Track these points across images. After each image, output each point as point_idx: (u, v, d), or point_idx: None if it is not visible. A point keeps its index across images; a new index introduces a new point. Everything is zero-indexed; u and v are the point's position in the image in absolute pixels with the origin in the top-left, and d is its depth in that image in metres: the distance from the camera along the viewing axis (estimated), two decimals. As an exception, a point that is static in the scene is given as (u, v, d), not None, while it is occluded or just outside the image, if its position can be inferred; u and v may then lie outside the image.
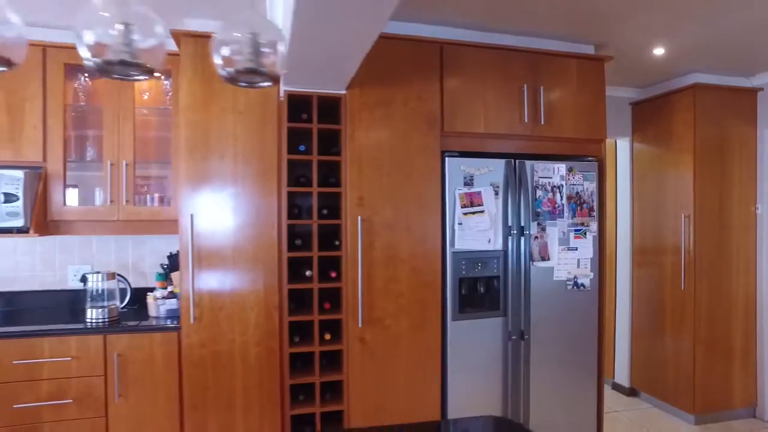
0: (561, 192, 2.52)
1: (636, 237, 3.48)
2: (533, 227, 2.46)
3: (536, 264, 2.47)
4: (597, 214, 2.58)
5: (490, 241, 2.39)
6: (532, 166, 2.47)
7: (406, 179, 2.31)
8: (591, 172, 2.56)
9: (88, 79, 2.56)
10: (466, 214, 2.36)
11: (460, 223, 2.35)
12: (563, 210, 2.52)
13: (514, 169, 2.44)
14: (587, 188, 2.56)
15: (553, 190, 2.51)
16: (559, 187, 2.51)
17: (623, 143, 3.63)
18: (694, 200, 2.98)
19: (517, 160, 2.45)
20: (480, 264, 2.39)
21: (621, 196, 3.65)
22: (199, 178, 2.24)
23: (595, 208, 2.58)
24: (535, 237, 2.47)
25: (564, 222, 2.52)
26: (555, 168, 2.51)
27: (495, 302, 2.43)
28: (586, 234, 2.56)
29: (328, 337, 2.26)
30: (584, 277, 2.56)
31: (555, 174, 2.51)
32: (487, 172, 2.40)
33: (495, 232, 2.40)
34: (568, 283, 2.53)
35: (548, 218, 2.50)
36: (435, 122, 2.35)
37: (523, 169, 2.45)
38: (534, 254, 2.47)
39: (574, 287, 2.54)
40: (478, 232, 2.37)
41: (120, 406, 2.23)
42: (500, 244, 2.42)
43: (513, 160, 2.44)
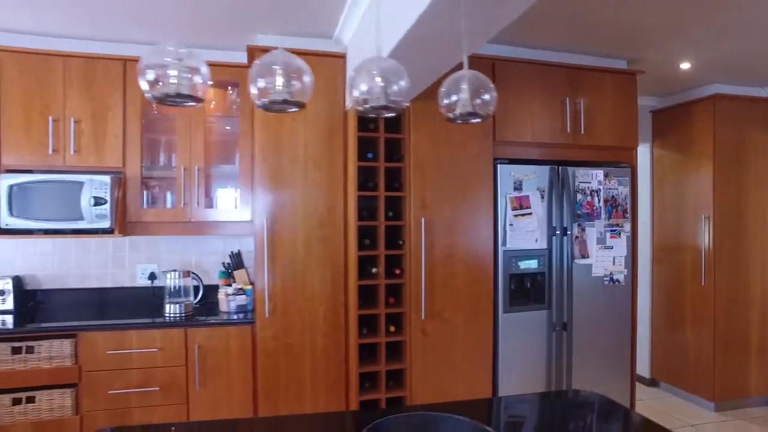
0: (598, 195, 2.74)
1: (656, 236, 3.72)
2: (574, 228, 2.68)
3: (577, 261, 2.69)
4: (630, 215, 2.80)
5: (537, 241, 2.61)
6: (573, 172, 2.69)
7: (463, 184, 2.52)
8: (625, 177, 2.79)
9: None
10: (517, 216, 2.57)
11: (511, 224, 2.57)
12: (600, 212, 2.75)
13: (558, 175, 2.66)
14: (621, 192, 2.79)
15: (592, 194, 2.73)
16: (597, 191, 2.74)
17: (643, 148, 3.87)
18: (713, 202, 3.22)
19: (560, 167, 2.67)
20: (528, 261, 2.61)
21: (641, 198, 3.88)
22: (273, 182, 2.43)
23: (628, 211, 2.80)
24: (576, 237, 2.69)
25: (601, 223, 2.75)
26: (593, 174, 2.73)
27: (540, 296, 2.64)
28: (621, 234, 2.78)
29: (392, 329, 2.46)
30: (619, 273, 2.78)
31: (593, 179, 2.73)
32: (534, 178, 2.61)
33: (541, 232, 2.62)
34: (605, 279, 2.75)
35: (587, 220, 2.72)
36: (488, 131, 2.56)
37: (565, 175, 2.67)
38: (575, 252, 2.69)
39: (610, 282, 2.76)
40: (526, 232, 2.59)
41: (200, 393, 2.41)
42: (545, 243, 2.64)
43: (556, 167, 2.66)
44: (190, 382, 2.40)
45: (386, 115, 1.42)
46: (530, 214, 2.60)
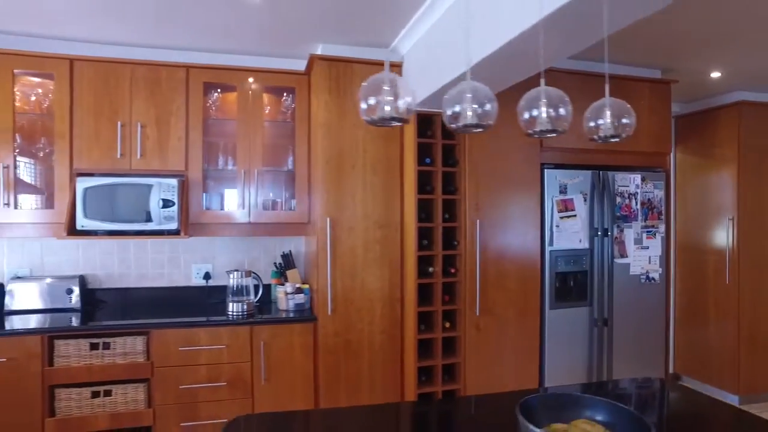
0: (636, 199, 2.89)
1: (679, 236, 3.89)
2: (614, 229, 2.83)
3: (616, 261, 2.84)
4: (664, 217, 2.96)
5: (581, 241, 2.76)
6: (613, 176, 2.84)
7: (513, 187, 2.66)
8: (660, 182, 2.95)
9: (220, 95, 2.84)
10: (562, 218, 2.71)
11: (557, 226, 2.71)
12: (637, 214, 2.90)
13: (599, 179, 2.80)
14: (656, 195, 2.94)
15: (629, 197, 2.88)
16: (635, 195, 2.89)
17: (665, 153, 4.04)
18: (737, 204, 3.39)
19: (601, 171, 2.81)
20: (572, 260, 2.75)
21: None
22: (335, 185, 2.55)
23: (663, 213, 2.96)
24: (615, 237, 2.84)
25: (638, 224, 2.90)
26: (631, 178, 2.88)
27: (583, 293, 2.79)
28: (656, 235, 2.94)
29: (447, 325, 2.59)
30: (654, 272, 2.94)
31: (631, 183, 2.88)
32: (578, 182, 2.76)
33: (584, 233, 2.77)
34: (641, 277, 2.91)
35: (625, 221, 2.87)
36: (535, 138, 2.69)
37: (605, 179, 2.82)
38: (614, 252, 2.84)
39: (646, 280, 2.92)
40: (571, 233, 2.73)
41: (264, 388, 2.52)
42: (587, 243, 2.78)
43: (598, 171, 2.80)
44: (256, 377, 2.51)
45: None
46: (574, 216, 2.75)
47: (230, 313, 2.61)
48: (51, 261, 2.79)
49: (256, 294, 2.76)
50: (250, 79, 2.73)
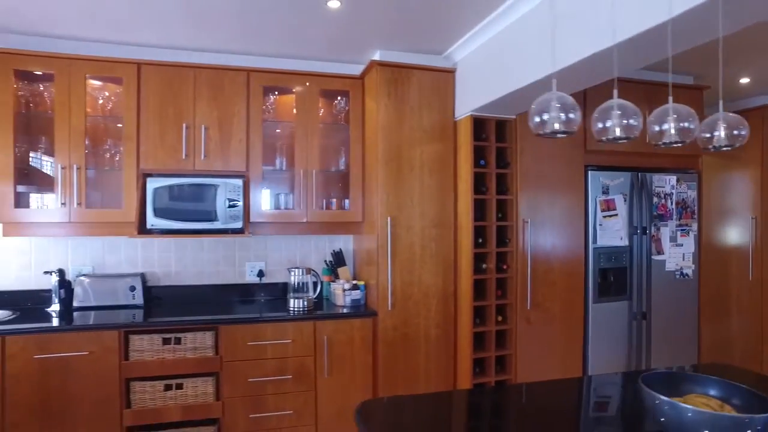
0: (671, 199, 3.05)
1: (702, 234, 4.06)
2: (651, 227, 2.98)
3: (653, 257, 2.99)
4: (697, 216, 3.12)
5: (622, 239, 2.90)
6: (651, 177, 2.99)
7: (560, 188, 2.80)
8: (693, 182, 3.11)
9: (276, 98, 2.93)
10: (605, 217, 2.86)
11: (600, 224, 2.85)
12: (672, 213, 3.05)
13: (638, 180, 2.95)
14: (690, 195, 3.10)
15: (665, 197, 3.03)
16: (670, 195, 3.04)
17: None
18: (761, 204, 3.57)
19: (639, 173, 2.96)
20: (612, 257, 2.90)
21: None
22: (394, 186, 2.66)
23: (695, 212, 3.12)
24: (652, 235, 2.99)
25: (673, 223, 3.05)
26: (667, 179, 3.04)
27: (623, 288, 2.94)
28: (689, 233, 3.10)
29: (500, 318, 2.72)
30: (687, 268, 3.10)
31: (667, 184, 3.04)
32: (619, 183, 2.90)
33: (624, 231, 2.91)
34: (676, 273, 3.06)
35: (661, 220, 3.02)
36: (580, 142, 2.84)
37: (644, 180, 2.97)
38: (652, 249, 2.99)
39: (681, 276, 3.07)
40: (614, 231, 2.88)
41: (327, 380, 2.63)
42: (627, 241, 2.93)
43: (636, 173, 2.95)
44: (319, 371, 2.61)
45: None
46: (616, 215, 2.89)
47: (292, 309, 2.71)
48: (111, 259, 2.86)
49: (315, 290, 2.86)
50: (307, 83, 2.83)
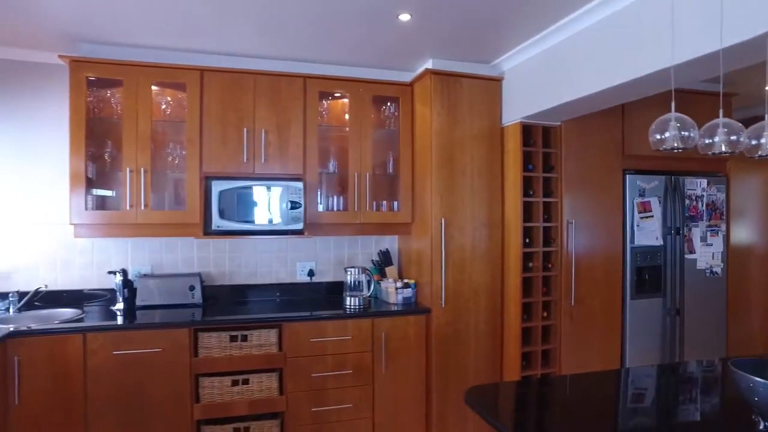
0: (702, 201, 3.21)
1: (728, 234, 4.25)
2: (684, 228, 3.14)
3: (686, 256, 3.15)
4: (725, 217, 3.29)
5: (657, 239, 3.06)
6: (683, 180, 3.15)
7: (600, 191, 2.94)
8: (722, 185, 3.27)
9: (329, 103, 3.04)
10: (642, 218, 3.01)
11: (638, 225, 3.00)
12: (703, 215, 3.22)
13: (671, 183, 3.11)
14: (719, 198, 3.27)
15: (696, 199, 3.20)
16: (701, 197, 3.21)
17: (702, 157, 4.39)
18: (780, 205, 3.75)
19: (673, 176, 3.12)
20: (648, 256, 3.05)
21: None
22: (447, 189, 2.78)
23: (724, 213, 3.29)
24: (685, 235, 3.16)
25: (703, 224, 3.22)
26: (698, 182, 3.20)
27: (657, 286, 3.09)
28: (718, 233, 3.26)
29: (545, 314, 2.86)
30: (717, 267, 3.26)
31: (698, 187, 3.20)
32: (654, 186, 3.06)
33: (659, 231, 3.07)
34: (706, 271, 3.23)
35: (693, 221, 3.18)
36: (618, 147, 2.99)
37: (677, 183, 3.13)
38: (684, 249, 3.15)
39: (711, 274, 3.24)
40: (650, 231, 3.03)
41: (384, 375, 2.74)
42: (661, 240, 3.08)
43: (671, 176, 3.11)
44: (376, 366, 2.73)
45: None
46: (651, 217, 3.05)
47: (348, 307, 2.82)
48: (169, 259, 2.94)
49: (369, 289, 2.97)
50: (360, 89, 2.93)
